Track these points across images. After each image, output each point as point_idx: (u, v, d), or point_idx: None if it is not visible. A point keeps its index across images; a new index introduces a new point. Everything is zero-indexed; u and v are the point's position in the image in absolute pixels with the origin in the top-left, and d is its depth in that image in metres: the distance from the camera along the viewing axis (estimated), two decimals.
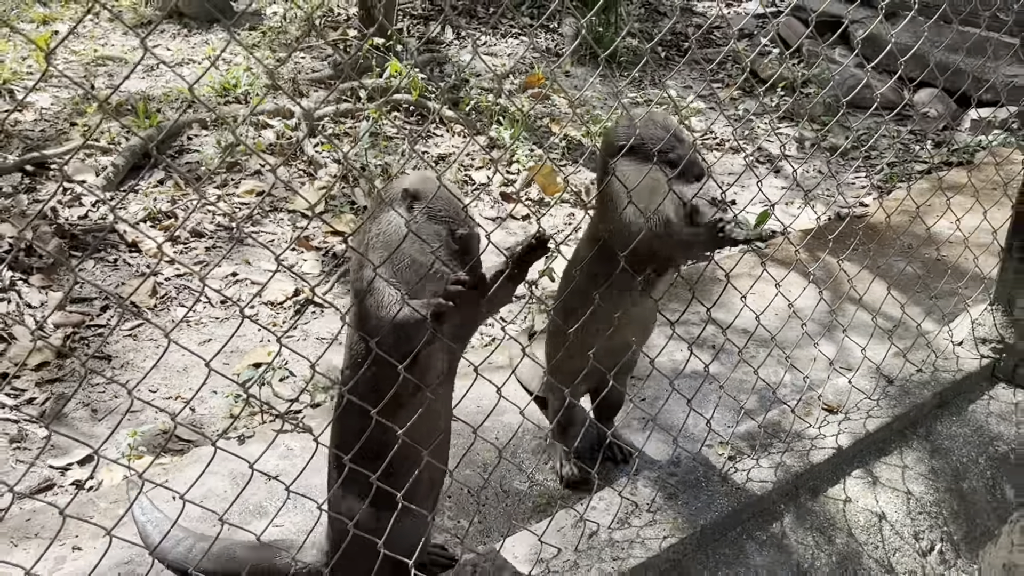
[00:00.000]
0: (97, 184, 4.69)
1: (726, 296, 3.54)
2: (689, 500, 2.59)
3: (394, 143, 5.45)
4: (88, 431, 3.28)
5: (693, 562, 2.49)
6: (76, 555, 2.60)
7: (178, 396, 3.46)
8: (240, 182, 4.95)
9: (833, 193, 5.35)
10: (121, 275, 4.13)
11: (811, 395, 3.06)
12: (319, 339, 3.89)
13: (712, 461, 2.74)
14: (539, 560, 2.39)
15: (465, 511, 2.83)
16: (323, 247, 4.56)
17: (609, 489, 2.63)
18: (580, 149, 5.70)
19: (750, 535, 2.59)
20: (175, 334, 3.79)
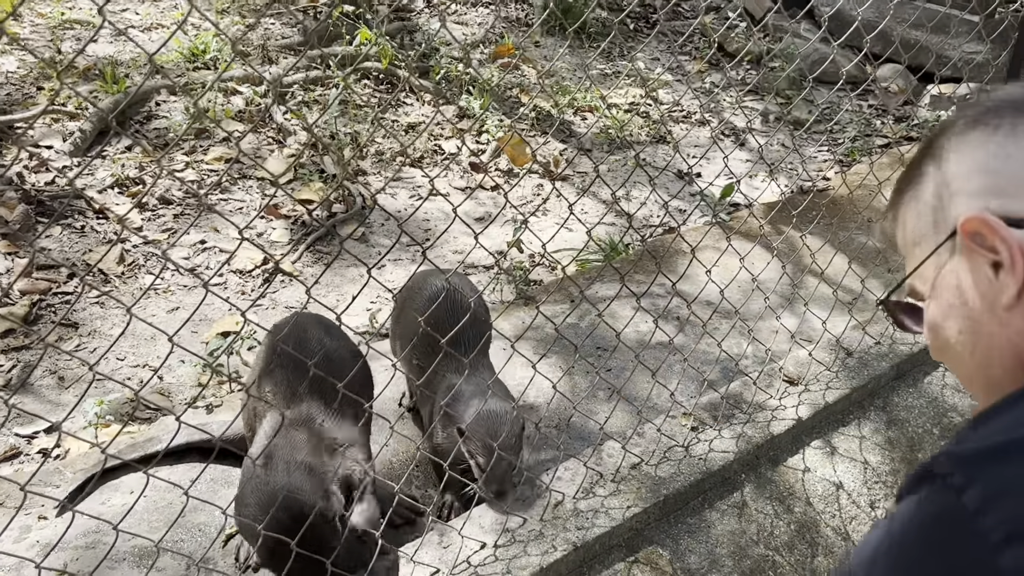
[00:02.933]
0: (64, 149, 4.57)
1: (691, 269, 3.53)
2: (652, 470, 2.60)
3: (364, 112, 5.37)
4: (55, 399, 3.21)
5: (656, 531, 2.50)
6: (42, 524, 2.55)
7: (146, 364, 3.40)
8: (209, 149, 4.85)
9: (796, 167, 5.35)
10: (88, 242, 4.04)
11: (773, 367, 3.07)
12: (287, 308, 3.84)
13: (676, 432, 2.74)
14: (505, 530, 2.39)
15: (432, 481, 2.81)
16: (292, 215, 4.49)
17: (574, 460, 2.62)
18: (549, 120, 5.64)
19: (711, 504, 2.61)
20: (143, 302, 3.72)
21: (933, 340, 1.10)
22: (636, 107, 5.92)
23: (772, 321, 3.35)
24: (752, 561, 2.52)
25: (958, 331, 1.04)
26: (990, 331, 0.99)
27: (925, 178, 1.09)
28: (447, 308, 2.62)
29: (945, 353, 1.09)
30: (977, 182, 1.01)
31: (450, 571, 2.26)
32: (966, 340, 1.03)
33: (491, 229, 4.52)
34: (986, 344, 1.00)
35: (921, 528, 0.84)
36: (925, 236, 1.09)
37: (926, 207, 1.09)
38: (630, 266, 3.91)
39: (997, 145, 1.00)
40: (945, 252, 1.05)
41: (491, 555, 2.31)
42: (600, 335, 3.38)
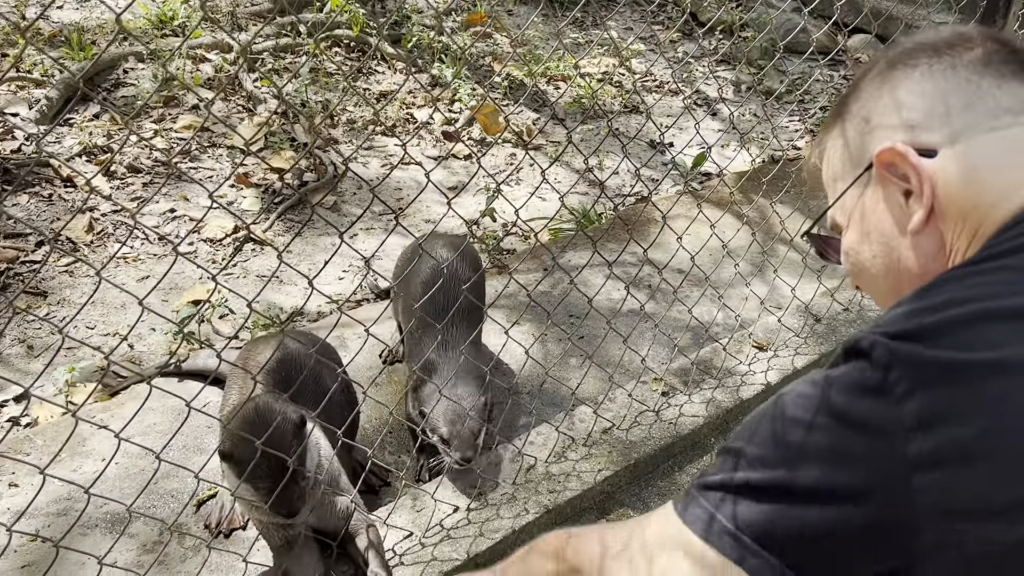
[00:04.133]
0: (30, 117, 4.49)
1: (663, 237, 3.54)
2: (624, 434, 2.62)
3: (334, 79, 5.31)
4: (24, 368, 3.18)
5: (627, 494, 2.53)
6: (13, 491, 2.53)
7: (116, 333, 3.37)
8: (178, 117, 4.79)
9: (768, 136, 5.37)
10: (56, 210, 3.98)
11: (742, 333, 3.10)
12: (259, 276, 3.81)
13: (646, 397, 2.76)
14: (479, 493, 2.40)
15: (406, 447, 2.82)
16: (263, 183, 4.45)
17: (547, 425, 2.64)
18: (522, 89, 5.62)
19: (682, 468, 2.64)
20: (112, 271, 3.68)
21: (850, 266, 1.18)
22: (609, 76, 5.91)
23: (742, 288, 3.38)
24: None
25: (872, 255, 1.11)
26: (900, 255, 1.07)
27: (848, 117, 1.16)
28: (446, 280, 2.62)
29: (861, 277, 1.16)
30: (893, 117, 1.08)
31: (423, 534, 2.28)
32: (880, 264, 1.11)
33: (464, 198, 4.50)
34: (896, 267, 1.08)
35: (840, 382, 0.89)
36: (846, 171, 1.16)
37: (847, 144, 1.16)
38: (602, 234, 3.91)
39: (913, 82, 1.08)
40: (863, 184, 1.12)
41: (464, 518, 2.33)
42: (572, 303, 3.39)
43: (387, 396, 2.93)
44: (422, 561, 2.20)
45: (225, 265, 3.81)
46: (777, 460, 0.90)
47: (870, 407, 0.85)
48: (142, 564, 2.31)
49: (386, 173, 4.73)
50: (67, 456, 2.64)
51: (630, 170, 4.88)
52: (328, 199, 4.41)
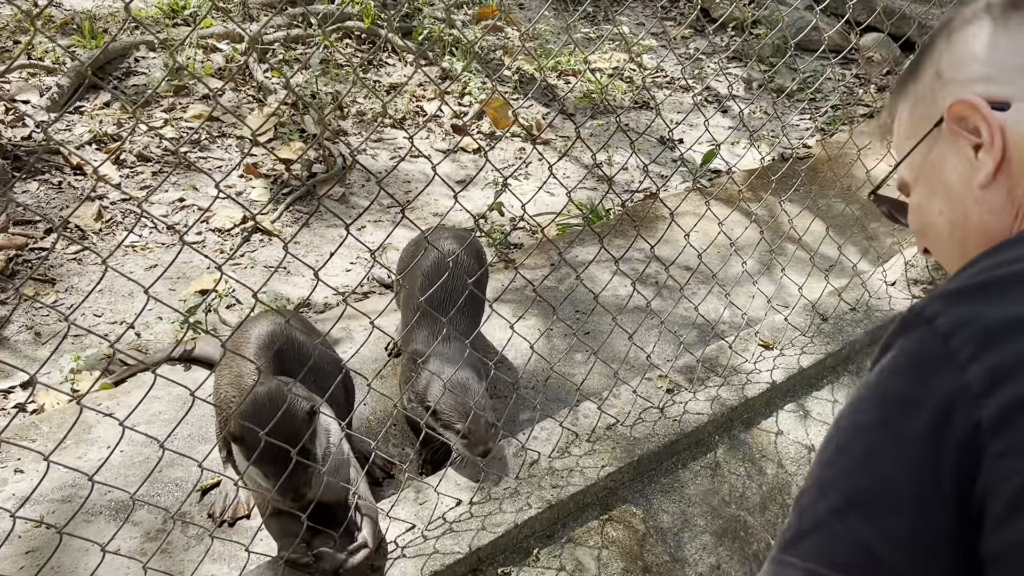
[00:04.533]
0: (41, 104, 4.50)
1: (670, 233, 3.54)
2: (628, 431, 2.61)
3: (345, 71, 5.31)
4: (31, 354, 3.19)
5: (630, 490, 2.52)
6: (18, 477, 2.54)
7: (123, 321, 3.37)
8: (188, 106, 4.79)
9: (778, 134, 5.35)
10: (66, 197, 3.99)
11: (748, 331, 3.09)
12: (266, 267, 3.82)
13: (651, 394, 2.76)
14: (481, 487, 2.40)
15: (409, 440, 2.82)
16: (271, 174, 4.45)
17: (551, 420, 2.64)
18: (532, 83, 5.60)
19: (685, 465, 2.63)
20: (120, 259, 3.69)
21: (916, 223, 1.16)
22: (619, 71, 5.89)
23: (749, 286, 3.37)
24: (724, 521, 2.55)
25: (938, 211, 1.10)
26: (966, 209, 1.05)
27: (920, 74, 1.15)
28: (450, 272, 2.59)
29: (927, 236, 1.15)
30: (966, 71, 1.07)
31: (425, 527, 2.28)
32: (945, 220, 1.09)
33: (472, 192, 4.50)
34: (963, 223, 1.06)
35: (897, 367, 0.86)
36: (917, 128, 1.15)
37: (919, 100, 1.15)
38: (610, 230, 3.91)
39: (987, 36, 1.07)
40: (932, 140, 1.11)
41: (466, 512, 2.33)
42: (578, 298, 3.38)
43: (392, 389, 2.93)
44: (424, 554, 2.20)
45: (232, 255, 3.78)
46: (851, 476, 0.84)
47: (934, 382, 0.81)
48: (145, 552, 2.32)
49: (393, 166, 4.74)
50: (72, 443, 2.65)
51: (639, 166, 4.86)
52: (336, 191, 4.41)
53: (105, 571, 2.25)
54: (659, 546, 2.43)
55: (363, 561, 2.11)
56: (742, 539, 2.55)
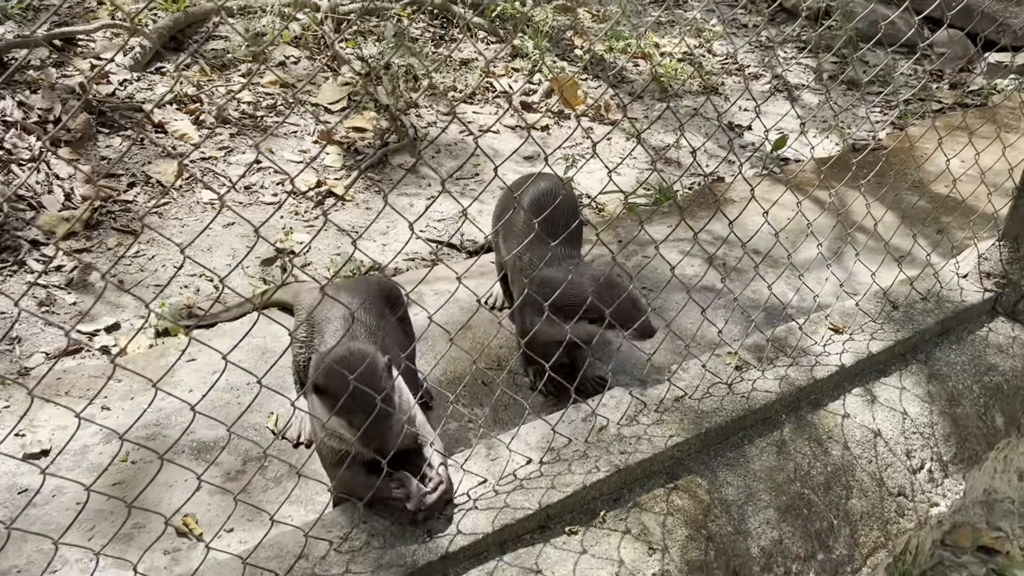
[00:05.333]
0: (125, 63, 4.63)
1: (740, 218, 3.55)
2: (695, 404, 2.64)
3: (418, 45, 5.37)
4: (115, 301, 3.30)
5: (696, 461, 2.55)
6: (105, 414, 2.65)
7: (202, 274, 3.48)
8: (265, 72, 4.89)
9: (848, 126, 5.30)
10: (147, 154, 4.11)
11: (818, 315, 3.09)
12: (339, 230, 3.89)
13: (719, 369, 2.78)
14: (550, 448, 2.45)
15: (478, 400, 2.88)
16: (345, 142, 4.53)
17: (620, 388, 2.68)
18: (602, 65, 5.62)
19: (751, 441, 2.65)
20: (199, 215, 3.79)
21: None
22: (689, 57, 5.88)
23: (818, 272, 3.37)
24: (788, 498, 2.57)
25: None
26: None
27: None
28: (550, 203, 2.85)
29: None
30: None
31: (496, 482, 2.33)
32: None
33: (538, 166, 4.53)
34: None
35: None
36: None
37: None
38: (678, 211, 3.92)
39: None
40: None
41: (536, 471, 2.38)
42: (646, 276, 3.41)
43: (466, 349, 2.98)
44: (495, 507, 2.25)
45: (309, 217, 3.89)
46: None
47: None
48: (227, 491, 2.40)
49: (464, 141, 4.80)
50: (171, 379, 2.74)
51: (707, 150, 4.87)
52: (407, 161, 4.48)
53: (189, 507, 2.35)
54: (723, 517, 2.46)
55: (441, 496, 2.18)
56: (805, 517, 2.57)
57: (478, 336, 3.11)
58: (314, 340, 2.60)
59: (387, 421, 2.12)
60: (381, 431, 2.11)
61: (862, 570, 2.63)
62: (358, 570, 2.07)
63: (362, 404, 2.08)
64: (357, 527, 2.17)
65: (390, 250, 3.78)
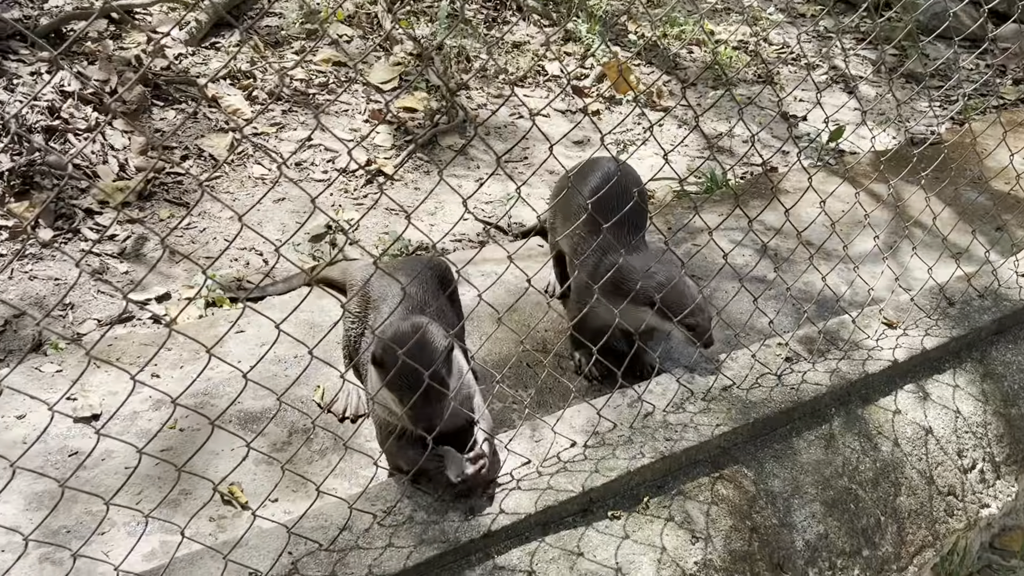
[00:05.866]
0: (180, 37, 4.68)
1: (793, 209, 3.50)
2: (744, 394, 2.62)
3: (471, 26, 5.36)
4: (166, 271, 3.35)
5: (742, 452, 2.52)
6: (155, 381, 2.68)
7: (252, 248, 3.51)
8: (318, 50, 4.91)
9: (906, 120, 5.21)
10: (200, 127, 4.15)
11: (872, 308, 3.04)
12: (388, 210, 3.91)
13: (769, 360, 2.75)
14: (595, 432, 2.44)
15: (523, 382, 2.88)
16: (395, 121, 4.54)
17: (667, 375, 2.66)
18: (655, 50, 5.57)
19: (799, 433, 2.62)
20: (251, 189, 3.83)
21: None
22: (744, 45, 5.80)
23: (872, 266, 3.31)
24: (835, 492, 2.54)
25: None
26: None
27: None
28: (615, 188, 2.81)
29: None
30: None
31: (540, 463, 2.33)
32: None
33: (587, 151, 4.51)
34: None
35: None
36: None
37: None
38: (731, 200, 3.88)
39: None
40: None
41: (580, 454, 2.37)
42: (696, 263, 3.38)
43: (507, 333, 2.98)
44: (538, 488, 2.25)
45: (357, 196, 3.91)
46: None
47: None
48: (272, 461, 2.43)
49: (514, 123, 4.79)
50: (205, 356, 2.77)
51: (759, 139, 4.80)
52: (457, 142, 4.48)
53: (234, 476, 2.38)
54: (768, 509, 2.44)
55: (479, 471, 2.18)
56: (852, 512, 2.54)
57: (524, 319, 3.11)
58: (367, 315, 2.62)
59: (436, 401, 2.12)
60: (429, 411, 2.11)
61: (908, 569, 2.59)
62: (401, 544, 2.08)
63: (414, 381, 2.09)
64: (401, 501, 2.18)
65: (438, 231, 3.79)
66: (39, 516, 2.24)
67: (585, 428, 2.45)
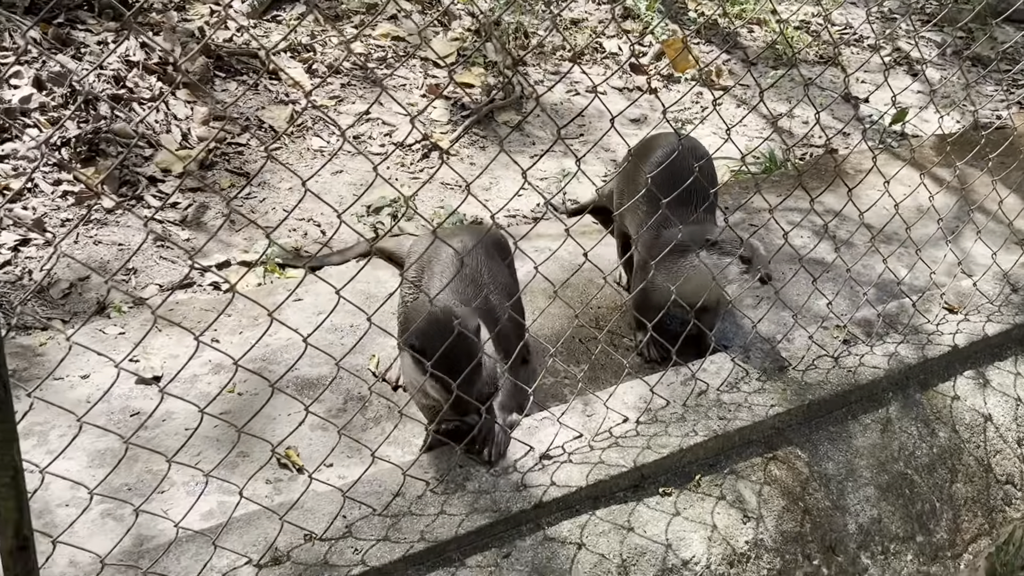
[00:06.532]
0: (242, 10, 4.72)
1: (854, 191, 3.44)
2: (799, 375, 2.59)
3: (529, 2, 5.33)
4: (226, 240, 3.40)
5: (796, 433, 2.51)
6: (215, 346, 2.73)
7: (310, 219, 3.55)
8: (377, 24, 4.93)
9: (971, 104, 5.07)
10: (261, 99, 4.19)
11: (933, 293, 2.99)
12: (443, 184, 3.92)
13: (826, 342, 2.72)
14: (647, 409, 2.44)
15: (575, 358, 2.88)
16: (452, 97, 4.54)
17: (722, 354, 2.64)
18: (714, 29, 5.49)
19: (855, 417, 2.59)
20: (309, 161, 3.86)
21: None
22: (806, 24, 5.70)
23: (933, 251, 3.24)
24: (890, 477, 2.51)
25: None
26: None
27: None
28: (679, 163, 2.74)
29: None
30: None
31: (592, 438, 2.33)
32: None
33: (645, 130, 4.47)
34: None
35: None
36: None
37: None
38: (789, 181, 3.82)
39: None
40: None
41: (632, 430, 2.37)
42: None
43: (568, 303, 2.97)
44: (589, 462, 2.25)
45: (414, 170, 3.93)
46: None
47: None
48: (326, 427, 2.46)
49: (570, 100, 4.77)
50: (264, 322, 2.81)
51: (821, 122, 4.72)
52: (513, 118, 4.47)
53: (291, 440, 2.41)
54: (821, 491, 2.42)
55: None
56: (907, 497, 2.50)
57: (577, 295, 3.10)
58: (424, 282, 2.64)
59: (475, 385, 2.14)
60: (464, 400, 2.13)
61: (963, 556, 2.56)
62: (452, 511, 2.10)
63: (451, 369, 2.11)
64: (453, 470, 2.20)
65: (492, 206, 3.78)
66: (102, 473, 2.30)
67: (637, 405, 2.45)
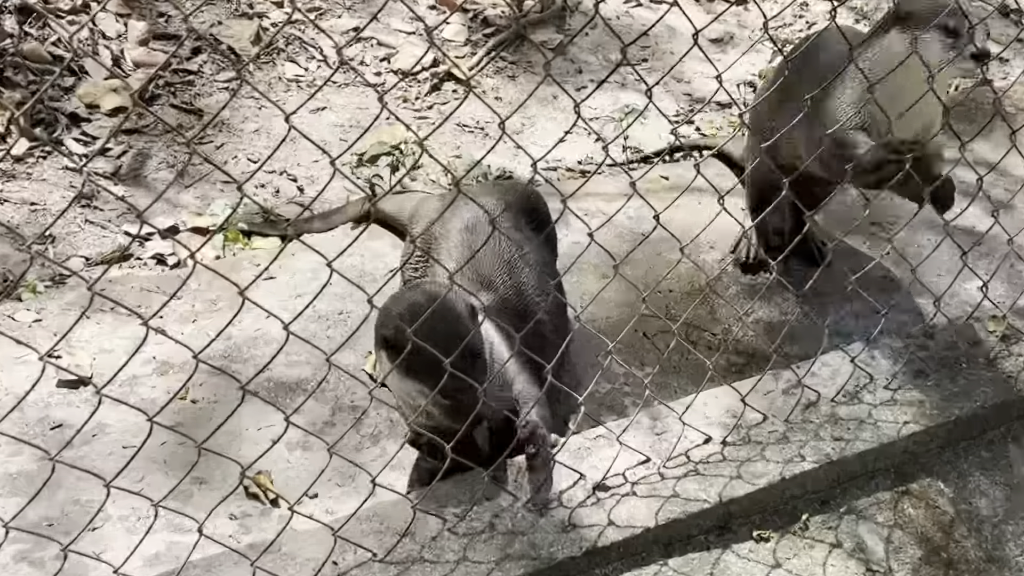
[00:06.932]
0: None
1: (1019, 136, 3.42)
2: (942, 382, 2.60)
3: None
4: (173, 199, 3.43)
5: (937, 460, 2.52)
6: (159, 339, 2.76)
7: (284, 172, 3.58)
8: None
9: None
10: (217, 12, 4.22)
11: None
12: (459, 125, 3.93)
13: (979, 338, 2.72)
14: (737, 426, 2.45)
15: (638, 356, 2.89)
16: (471, 9, 4.55)
17: (837, 353, 2.64)
18: None
19: (1016, 439, 2.60)
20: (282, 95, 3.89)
21: None
22: None
23: None
24: None
25: None
26: None
27: None
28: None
29: None
30: None
31: (663, 463, 2.35)
32: None
33: (731, 55, 4.46)
34: None
35: None
36: None
37: None
38: None
39: None
40: None
41: (717, 452, 2.39)
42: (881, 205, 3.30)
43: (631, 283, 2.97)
44: (660, 495, 2.27)
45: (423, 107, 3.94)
46: None
47: None
48: (309, 445, 2.49)
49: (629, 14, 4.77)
50: (225, 306, 2.86)
51: None
52: (553, 37, 4.47)
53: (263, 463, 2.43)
54: (971, 538, 2.43)
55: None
56: None
57: (640, 274, 3.08)
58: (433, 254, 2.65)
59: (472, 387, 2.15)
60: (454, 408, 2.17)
61: None
62: (478, 558, 2.13)
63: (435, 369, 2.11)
64: (479, 503, 2.22)
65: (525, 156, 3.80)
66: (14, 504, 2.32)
67: (724, 420, 2.47)
